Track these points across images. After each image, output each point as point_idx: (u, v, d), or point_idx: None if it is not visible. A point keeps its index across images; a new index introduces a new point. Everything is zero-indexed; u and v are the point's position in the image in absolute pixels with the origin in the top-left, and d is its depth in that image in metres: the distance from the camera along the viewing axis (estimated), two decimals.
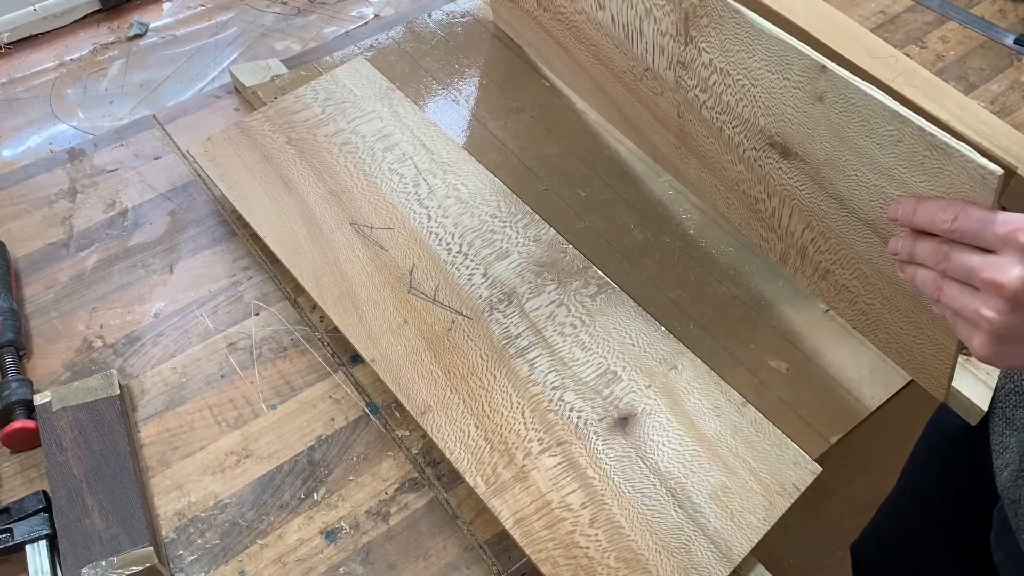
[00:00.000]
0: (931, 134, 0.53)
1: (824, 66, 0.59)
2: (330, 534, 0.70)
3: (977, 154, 0.51)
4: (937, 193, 0.54)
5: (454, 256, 0.83)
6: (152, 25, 1.22)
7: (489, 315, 0.79)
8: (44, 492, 0.69)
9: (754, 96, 0.67)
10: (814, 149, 0.64)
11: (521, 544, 0.66)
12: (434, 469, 0.74)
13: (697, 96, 0.74)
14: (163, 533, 0.70)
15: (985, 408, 0.74)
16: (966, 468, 0.74)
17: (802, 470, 0.70)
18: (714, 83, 0.71)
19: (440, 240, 0.84)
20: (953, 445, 0.79)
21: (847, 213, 0.65)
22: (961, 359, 0.74)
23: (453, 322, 0.78)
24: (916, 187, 0.56)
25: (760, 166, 0.72)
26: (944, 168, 0.53)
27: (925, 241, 0.54)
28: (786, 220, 0.75)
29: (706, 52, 0.69)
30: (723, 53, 0.68)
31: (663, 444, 0.71)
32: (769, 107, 0.66)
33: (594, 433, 0.72)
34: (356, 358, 0.80)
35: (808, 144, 0.65)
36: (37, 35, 1.20)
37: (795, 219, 0.73)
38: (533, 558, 0.66)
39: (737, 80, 0.68)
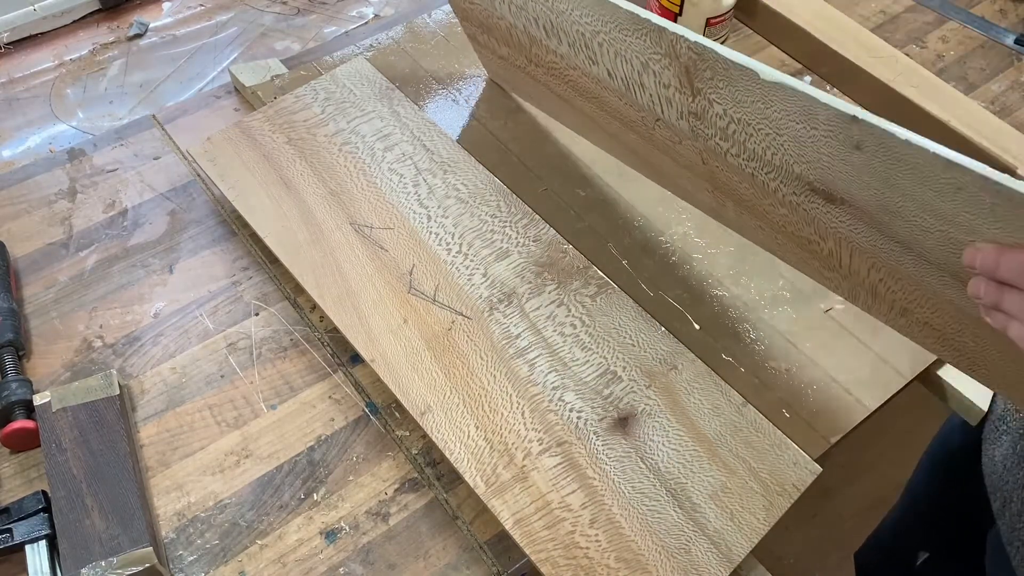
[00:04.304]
0: (996, 182, 0.45)
1: (855, 117, 0.51)
2: (330, 534, 0.70)
3: None
4: (1016, 240, 0.47)
5: (454, 256, 0.83)
6: (152, 25, 1.22)
7: (489, 315, 0.79)
8: (44, 492, 0.69)
9: (782, 144, 0.59)
10: (862, 195, 0.56)
11: (521, 544, 0.66)
12: (434, 469, 0.74)
13: (719, 144, 0.66)
14: (163, 533, 0.70)
15: (985, 408, 0.74)
16: (966, 491, 0.73)
17: (802, 470, 0.70)
18: (734, 132, 0.62)
19: (440, 240, 0.84)
20: (954, 465, 0.79)
21: (914, 257, 0.56)
22: None
23: (453, 322, 0.78)
24: (988, 233, 0.48)
25: (805, 210, 0.63)
26: (1021, 216, 0.46)
27: (1013, 293, 0.48)
28: (847, 260, 0.65)
29: (717, 103, 0.61)
30: (736, 104, 0.59)
31: (663, 444, 0.71)
32: (801, 155, 0.58)
33: (594, 433, 0.72)
34: (356, 358, 0.80)
35: (854, 191, 0.56)
36: (37, 35, 1.20)
37: (857, 259, 0.63)
38: (533, 558, 0.66)
39: (759, 129, 0.60)
